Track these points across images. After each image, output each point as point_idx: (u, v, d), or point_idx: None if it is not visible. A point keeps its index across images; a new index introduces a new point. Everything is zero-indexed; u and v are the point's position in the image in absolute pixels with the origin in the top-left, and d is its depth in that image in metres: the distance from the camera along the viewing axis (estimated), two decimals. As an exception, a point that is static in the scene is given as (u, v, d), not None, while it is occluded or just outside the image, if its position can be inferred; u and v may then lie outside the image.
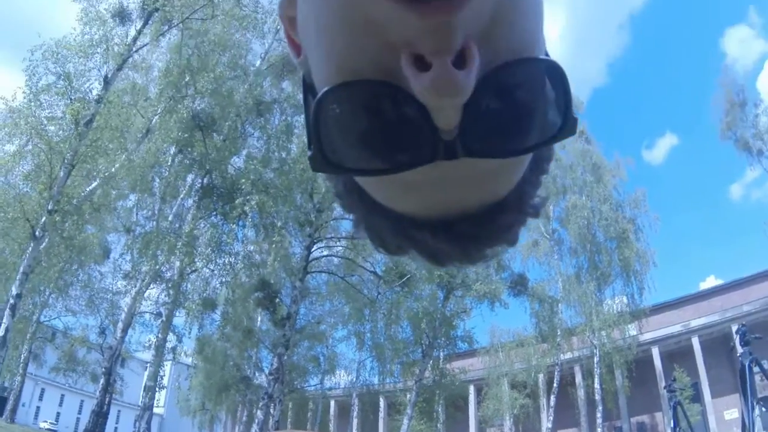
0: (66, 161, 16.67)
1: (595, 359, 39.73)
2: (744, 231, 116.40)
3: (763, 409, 5.33)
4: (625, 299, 41.14)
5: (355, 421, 44.24)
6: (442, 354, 32.68)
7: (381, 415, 45.29)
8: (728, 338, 41.03)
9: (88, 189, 18.73)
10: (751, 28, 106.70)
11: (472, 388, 46.81)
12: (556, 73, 0.46)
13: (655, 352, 43.80)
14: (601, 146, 44.99)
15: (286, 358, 26.88)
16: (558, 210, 43.56)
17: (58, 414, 68.74)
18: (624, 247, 39.98)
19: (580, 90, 45.40)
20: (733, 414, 40.76)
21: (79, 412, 66.98)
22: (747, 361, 5.60)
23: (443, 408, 38.07)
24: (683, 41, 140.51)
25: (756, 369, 5.62)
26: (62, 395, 69.16)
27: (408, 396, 30.15)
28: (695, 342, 42.82)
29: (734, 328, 40.18)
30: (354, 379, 40.18)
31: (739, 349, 5.90)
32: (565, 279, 40.66)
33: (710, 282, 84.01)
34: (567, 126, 0.48)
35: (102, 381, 24.01)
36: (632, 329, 41.17)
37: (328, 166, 0.48)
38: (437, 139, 0.45)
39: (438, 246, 0.55)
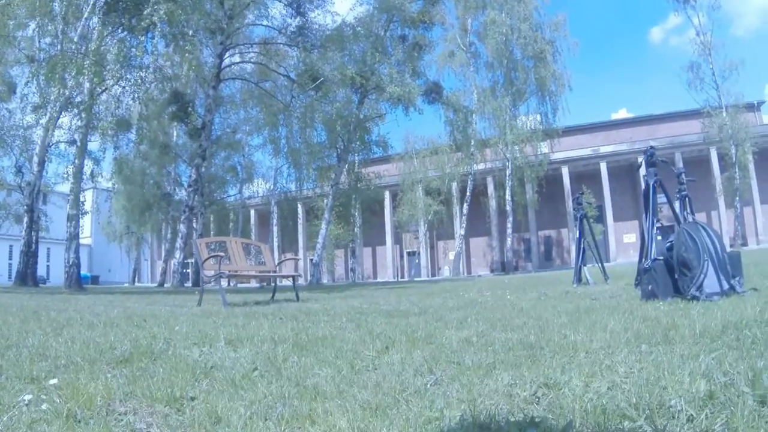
0: (-47, -7, 15.24)
1: (507, 172, 41.29)
2: (658, 73, 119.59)
3: (659, 237, 5.73)
4: (539, 117, 41.84)
5: (275, 228, 45.54)
6: (357, 159, 33.18)
7: (300, 221, 46.69)
8: (633, 168, 43.63)
9: None
10: None
11: (387, 194, 48.56)
12: None
13: (565, 171, 45.83)
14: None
15: (204, 169, 26.97)
16: (476, 24, 42.99)
17: None
18: (541, 66, 40.14)
19: None
20: (630, 238, 44.27)
21: (10, 258, 65.87)
22: (652, 181, 5.91)
23: (359, 212, 39.41)
24: None
25: (660, 195, 5.97)
26: None
27: (325, 201, 30.82)
28: (603, 167, 45.07)
29: (640, 159, 42.58)
30: (272, 187, 40.89)
31: (645, 170, 6.21)
32: (480, 91, 41.00)
33: (621, 114, 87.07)
34: None
35: (26, 219, 23.71)
36: (544, 147, 42.47)
37: None
38: None
39: None
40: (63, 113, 22.73)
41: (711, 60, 39.71)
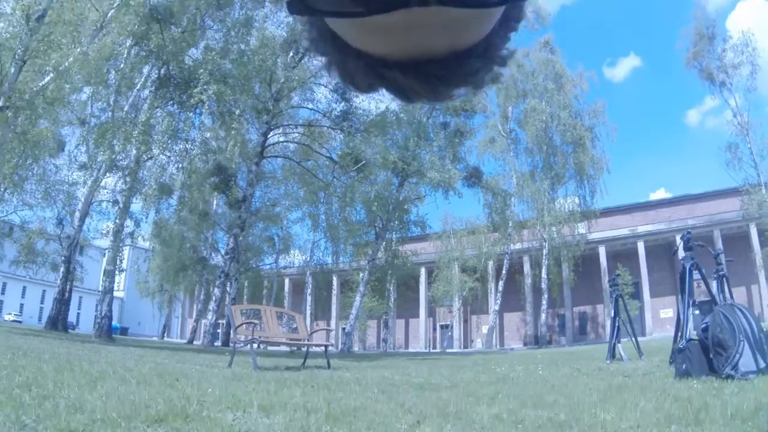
0: (17, 57, 16.10)
1: (544, 252, 41.21)
2: (696, 154, 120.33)
3: (697, 312, 5.80)
4: (576, 200, 42.03)
5: (309, 298, 45.70)
6: (394, 237, 33.17)
7: (334, 292, 46.82)
8: (671, 246, 42.84)
9: (40, 84, 18.14)
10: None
11: (423, 270, 48.60)
12: None
13: (602, 250, 45.59)
14: (564, 58, 44.82)
15: (241, 239, 27.37)
16: (517, 112, 43.86)
17: (22, 305, 69.84)
18: (579, 152, 40.66)
19: (548, 2, 44.35)
20: (668, 313, 43.24)
21: (42, 302, 67.78)
22: (688, 264, 6.00)
23: (395, 287, 39.48)
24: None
25: (696, 274, 6.06)
26: (24, 287, 69.95)
27: (361, 275, 30.95)
28: (640, 246, 44.75)
29: (678, 238, 41.92)
30: (308, 259, 41.19)
31: (682, 254, 6.31)
32: (519, 176, 41.38)
33: (659, 194, 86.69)
34: None
35: (62, 269, 24.31)
36: (581, 228, 42.41)
37: (305, 9, 0.52)
38: None
39: (407, 84, 0.58)
40: (107, 174, 23.45)
41: (749, 140, 39.46)
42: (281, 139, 30.97)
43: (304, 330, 10.24)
